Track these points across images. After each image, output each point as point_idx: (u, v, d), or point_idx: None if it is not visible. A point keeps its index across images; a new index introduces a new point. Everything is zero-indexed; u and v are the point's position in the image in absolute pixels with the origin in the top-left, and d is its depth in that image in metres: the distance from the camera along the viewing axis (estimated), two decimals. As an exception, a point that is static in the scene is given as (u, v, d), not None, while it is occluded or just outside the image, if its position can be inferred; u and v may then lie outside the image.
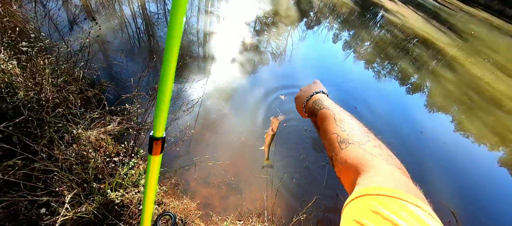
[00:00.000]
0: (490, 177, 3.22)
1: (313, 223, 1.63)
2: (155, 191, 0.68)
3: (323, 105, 0.49)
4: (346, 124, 0.41)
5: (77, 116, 1.41)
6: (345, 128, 0.39)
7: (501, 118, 4.87)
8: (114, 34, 3.11)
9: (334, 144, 0.38)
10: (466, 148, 3.62)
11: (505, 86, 6.45)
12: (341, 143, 0.36)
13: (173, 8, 0.24)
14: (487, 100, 5.39)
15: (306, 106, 0.55)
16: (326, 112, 0.46)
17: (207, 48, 3.69)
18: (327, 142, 0.41)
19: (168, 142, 1.94)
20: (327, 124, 0.43)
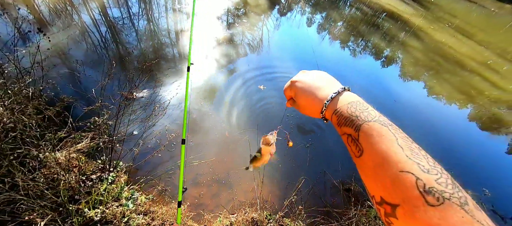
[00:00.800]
0: (463, 132, 3.51)
1: (304, 202, 1.68)
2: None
3: (369, 116, 0.34)
4: (422, 157, 0.27)
5: (37, 138, 1.29)
6: (426, 165, 0.26)
7: (466, 77, 5.29)
8: (75, 44, 2.88)
9: (408, 191, 0.25)
10: (438, 109, 3.89)
11: (466, 47, 6.98)
12: (427, 193, 0.24)
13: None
14: (452, 63, 5.81)
15: (331, 110, 0.39)
16: (380, 129, 0.31)
17: (180, 47, 3.56)
18: (387, 178, 0.27)
19: (148, 149, 1.86)
20: (387, 150, 0.29)
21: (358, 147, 0.33)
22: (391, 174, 0.27)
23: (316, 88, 0.42)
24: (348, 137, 0.35)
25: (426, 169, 0.26)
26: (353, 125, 0.34)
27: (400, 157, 0.27)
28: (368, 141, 0.31)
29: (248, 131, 2.34)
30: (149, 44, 3.38)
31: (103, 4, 4.09)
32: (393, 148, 0.29)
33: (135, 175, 1.67)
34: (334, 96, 0.39)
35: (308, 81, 0.44)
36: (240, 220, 1.47)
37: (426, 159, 0.27)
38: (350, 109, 0.36)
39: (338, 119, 0.37)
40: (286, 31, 5.27)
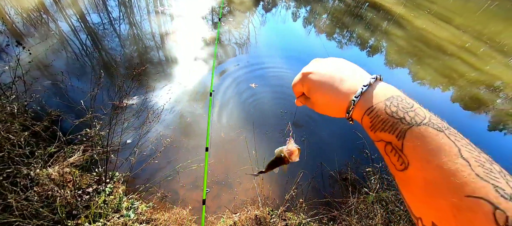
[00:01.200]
0: (448, 114, 3.70)
1: (305, 195, 1.72)
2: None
3: (418, 117, 0.25)
4: (499, 175, 0.20)
5: (27, 155, 1.24)
6: (506, 188, 0.19)
7: (447, 61, 5.55)
8: (56, 55, 2.75)
9: (481, 221, 0.18)
10: (423, 94, 4.08)
11: (445, 33, 7.29)
12: None
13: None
14: (433, 48, 6.07)
15: (361, 108, 0.29)
16: (436, 137, 0.23)
17: (167, 51, 3.49)
18: (446, 203, 0.20)
19: (144, 157, 1.83)
20: (447, 166, 0.21)
21: (401, 158, 0.24)
22: (453, 198, 0.20)
23: (338, 80, 0.32)
24: (387, 145, 0.26)
25: (507, 194, 0.18)
26: (395, 130, 0.25)
27: (466, 176, 0.20)
28: (417, 152, 0.23)
29: (244, 129, 2.35)
30: (133, 49, 3.29)
31: (81, 11, 3.93)
32: (456, 162, 0.21)
33: (133, 184, 1.65)
34: (365, 90, 0.29)
35: (326, 72, 0.33)
36: (243, 219, 1.49)
37: (504, 178, 0.20)
38: (390, 108, 0.27)
39: (372, 122, 0.28)
40: (272, 27, 5.29)
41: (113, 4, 4.48)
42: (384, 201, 1.54)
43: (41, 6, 3.71)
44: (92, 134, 1.46)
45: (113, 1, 4.57)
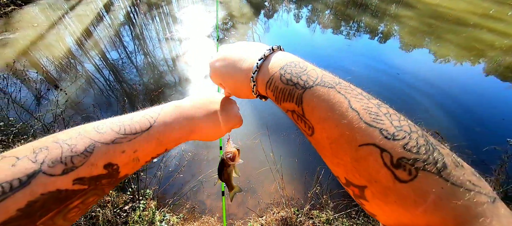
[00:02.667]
0: (481, 89, 3.36)
1: (328, 190, 1.68)
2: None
3: (310, 80, 0.26)
4: (384, 118, 0.21)
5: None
6: (390, 128, 0.21)
7: (470, 33, 5.13)
8: (85, 92, 3.08)
9: (373, 169, 0.20)
10: (449, 73, 3.78)
11: (462, 3, 6.78)
12: (397, 167, 0.19)
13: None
14: (452, 23, 5.66)
15: (262, 83, 0.30)
16: (327, 95, 0.24)
17: (179, 72, 3.71)
18: (347, 157, 0.22)
19: (170, 172, 1.95)
20: (340, 120, 0.22)
21: (307, 124, 0.26)
22: (351, 151, 0.21)
23: (239, 60, 0.32)
24: (293, 113, 0.27)
25: (390, 134, 0.20)
26: (293, 97, 0.26)
27: (356, 126, 0.21)
28: (315, 114, 0.24)
29: (259, 134, 2.39)
30: (150, 76, 3.56)
31: (102, 50, 4.37)
32: (346, 115, 0.22)
33: (163, 199, 1.75)
34: (260, 63, 0.30)
35: (228, 55, 0.34)
36: (270, 221, 1.50)
37: (389, 119, 0.21)
38: (285, 76, 0.28)
39: (274, 94, 0.28)
40: (276, 32, 5.37)
41: (128, 39, 4.92)
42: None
43: (69, 52, 4.20)
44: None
45: (128, 36, 5.03)
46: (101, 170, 0.25)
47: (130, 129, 0.29)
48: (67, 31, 4.97)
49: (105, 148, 0.26)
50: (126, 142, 0.27)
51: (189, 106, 0.36)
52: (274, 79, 0.28)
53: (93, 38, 4.72)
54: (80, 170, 0.23)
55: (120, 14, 5.96)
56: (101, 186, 0.26)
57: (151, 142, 0.30)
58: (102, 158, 0.25)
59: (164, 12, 6.15)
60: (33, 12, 5.57)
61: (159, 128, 0.31)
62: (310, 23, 5.87)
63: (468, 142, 2.30)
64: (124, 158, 0.27)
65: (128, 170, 0.29)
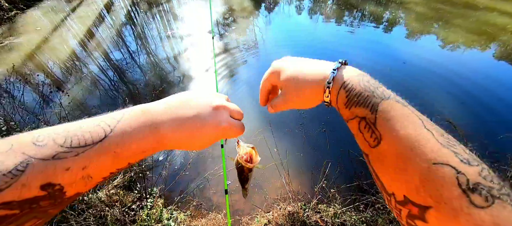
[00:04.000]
0: (493, 75, 3.23)
1: (335, 184, 1.66)
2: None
3: (385, 93, 0.27)
4: (457, 145, 0.22)
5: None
6: (464, 154, 0.21)
7: (480, 17, 4.91)
8: (90, 93, 3.12)
9: (446, 189, 0.19)
10: (459, 59, 3.63)
11: (471, -14, 6.48)
12: (473, 191, 0.19)
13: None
14: (460, 6, 5.43)
15: (336, 88, 0.30)
16: (402, 110, 0.25)
17: (181, 69, 3.70)
18: (415, 173, 0.21)
19: (176, 171, 1.96)
20: (415, 136, 0.22)
21: (374, 133, 0.25)
22: (421, 167, 0.21)
23: (310, 67, 0.34)
24: (361, 120, 0.27)
25: (465, 159, 0.20)
26: (368, 103, 0.26)
27: (431, 144, 0.21)
28: (388, 126, 0.24)
29: (263, 130, 2.37)
30: (153, 74, 3.56)
31: (105, 51, 4.39)
32: (421, 133, 0.22)
33: (170, 197, 1.77)
34: (336, 72, 0.31)
35: (295, 65, 0.35)
36: (277, 216, 1.50)
37: (460, 146, 0.21)
38: (363, 82, 0.28)
39: (348, 96, 0.29)
40: (278, 25, 5.27)
41: (130, 39, 4.93)
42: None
43: (73, 54, 4.24)
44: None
45: (130, 36, 5.03)
46: (37, 192, 0.21)
47: (78, 140, 0.24)
48: (70, 33, 5.01)
49: (43, 166, 0.21)
50: (71, 157, 0.23)
51: (160, 110, 0.30)
52: (352, 82, 0.29)
53: (95, 39, 4.75)
54: (6, 193, 0.19)
55: (121, 14, 5.96)
56: (40, 209, 0.22)
57: (106, 156, 0.25)
58: (38, 177, 0.21)
59: (164, 10, 6.12)
60: (35, 16, 5.63)
61: (117, 139, 0.26)
62: (313, 14, 5.73)
63: (481, 131, 2.22)
64: (70, 177, 0.23)
65: (78, 189, 0.24)
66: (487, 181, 0.19)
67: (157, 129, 0.29)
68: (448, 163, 0.20)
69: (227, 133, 0.34)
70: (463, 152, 0.21)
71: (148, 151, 0.29)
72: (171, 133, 0.30)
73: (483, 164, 0.20)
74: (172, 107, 0.31)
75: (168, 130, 0.30)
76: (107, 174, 0.27)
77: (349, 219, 1.43)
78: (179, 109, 0.31)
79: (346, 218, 1.44)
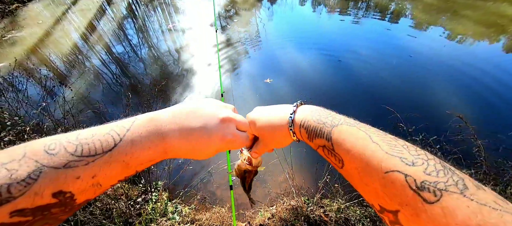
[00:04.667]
0: (501, 67, 3.14)
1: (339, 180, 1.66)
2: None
3: (335, 120, 0.31)
4: (402, 148, 0.24)
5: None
6: (408, 157, 0.23)
7: (490, 8, 4.75)
8: (92, 87, 3.12)
9: (401, 193, 0.22)
10: (467, 52, 3.53)
11: (482, -25, 6.23)
12: (422, 190, 0.20)
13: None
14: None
15: (297, 125, 0.36)
16: (350, 131, 0.29)
17: (183, 63, 3.67)
18: (376, 184, 0.24)
19: (180, 165, 1.97)
20: (364, 152, 0.26)
21: (337, 157, 0.29)
22: (378, 178, 0.24)
23: (275, 115, 0.39)
24: (323, 148, 0.31)
25: (410, 161, 0.23)
26: (323, 134, 0.31)
27: (380, 156, 0.24)
28: (343, 148, 0.28)
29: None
30: (155, 68, 3.54)
31: (107, 44, 4.37)
32: (370, 147, 0.25)
33: (174, 191, 1.79)
34: (295, 110, 0.37)
35: (264, 113, 0.41)
36: (280, 210, 1.51)
37: (407, 149, 0.24)
38: (314, 117, 0.34)
39: (307, 132, 0.33)
40: (281, 17, 5.16)
41: (132, 32, 4.88)
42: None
43: (76, 48, 4.23)
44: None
45: (131, 29, 4.98)
46: (49, 199, 0.21)
47: (88, 149, 0.24)
48: (71, 26, 4.98)
49: (55, 174, 0.22)
50: (82, 166, 0.23)
51: (167, 120, 0.31)
52: (307, 120, 0.34)
53: (97, 33, 4.71)
54: (19, 201, 0.20)
55: (122, 6, 5.89)
56: (52, 215, 0.22)
57: (115, 165, 0.25)
58: (50, 185, 0.21)
59: (165, 2, 6.03)
60: (37, 9, 5.59)
61: (126, 148, 0.26)
62: (316, 6, 5.59)
63: (493, 127, 2.18)
64: (80, 185, 0.23)
65: (88, 196, 0.25)
66: (433, 176, 0.21)
67: (164, 138, 0.30)
68: (396, 169, 0.23)
69: (233, 145, 0.35)
70: (408, 154, 0.23)
71: (155, 159, 0.30)
72: (178, 142, 0.31)
73: (430, 160, 0.22)
74: (179, 117, 0.32)
75: (174, 139, 0.30)
76: (116, 182, 0.27)
77: (353, 214, 1.43)
78: (186, 119, 0.32)
79: (350, 213, 1.44)
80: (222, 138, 0.33)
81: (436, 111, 2.42)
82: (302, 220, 1.42)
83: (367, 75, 3.03)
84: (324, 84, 2.95)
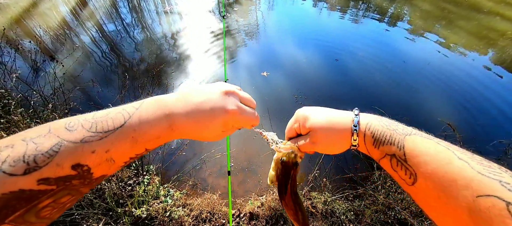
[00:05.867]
0: (487, 80, 3.29)
1: (328, 174, 1.73)
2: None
3: (406, 129, 0.29)
4: (499, 170, 0.21)
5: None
6: (510, 181, 0.20)
7: (483, 20, 4.91)
8: (83, 66, 3.00)
9: (501, 222, 0.18)
10: (456, 62, 3.66)
11: (479, -13, 6.40)
12: None
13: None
14: (465, 7, 5.39)
15: (361, 130, 0.33)
16: (428, 144, 0.25)
17: (179, 49, 3.59)
18: (461, 209, 0.21)
19: (173, 150, 1.98)
20: (450, 170, 0.22)
21: (408, 171, 0.26)
22: (466, 201, 0.20)
23: (335, 114, 0.36)
24: (392, 158, 0.28)
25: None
26: (394, 141, 0.28)
27: (470, 175, 0.20)
28: (418, 160, 0.24)
29: (261, 117, 2.39)
30: (149, 51, 3.43)
31: (98, 22, 4.16)
32: (455, 164, 0.22)
33: (166, 175, 1.80)
34: (358, 117, 0.33)
35: (321, 111, 0.38)
36: (270, 200, 1.56)
37: (506, 173, 0.20)
38: (383, 122, 0.31)
39: (374, 136, 0.30)
40: (281, 10, 5.11)
41: (125, 11, 4.67)
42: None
43: (64, 23, 4.01)
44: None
45: (124, 8, 4.76)
46: (68, 171, 0.23)
47: (102, 126, 0.26)
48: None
49: (73, 148, 0.24)
50: (96, 141, 0.25)
51: (172, 98, 0.32)
52: (374, 124, 0.31)
53: (88, 9, 4.47)
54: (44, 170, 0.22)
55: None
56: (73, 187, 0.24)
57: (125, 140, 0.27)
58: (69, 158, 0.23)
59: (162, -17, 5.76)
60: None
61: (134, 125, 0.28)
62: (317, 2, 5.56)
63: (476, 135, 2.31)
64: (95, 159, 0.25)
65: (103, 171, 0.26)
66: None
67: (170, 115, 0.31)
68: (495, 194, 0.19)
69: (237, 118, 0.34)
70: (509, 178, 0.19)
71: (162, 136, 0.30)
72: (183, 119, 0.31)
73: None
74: (184, 95, 0.33)
75: (180, 116, 0.31)
76: (127, 159, 0.28)
77: (339, 207, 1.52)
78: (190, 96, 0.33)
79: (336, 206, 1.52)
80: (224, 109, 0.32)
81: (425, 117, 2.53)
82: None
83: (362, 76, 3.11)
84: (320, 81, 3.00)
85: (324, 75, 3.12)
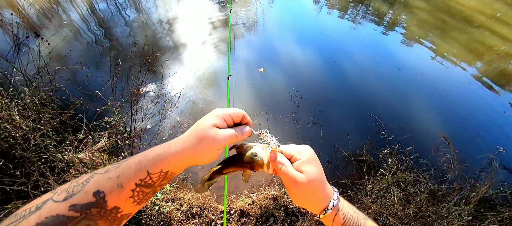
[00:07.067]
0: (472, 91, 3.42)
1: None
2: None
3: (362, 216, 0.40)
4: None
5: (58, 142, 1.34)
6: None
7: (474, 33, 5.08)
8: (70, 45, 2.82)
9: None
10: (445, 72, 3.77)
11: (474, 1, 6.59)
12: None
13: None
14: (459, 19, 5.54)
15: (334, 210, 0.37)
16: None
17: (175, 37, 3.46)
18: None
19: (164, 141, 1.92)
20: None
21: None
22: None
23: (322, 186, 0.37)
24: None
25: None
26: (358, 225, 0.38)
27: None
28: None
29: (258, 113, 2.36)
30: (143, 37, 3.28)
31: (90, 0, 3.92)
32: None
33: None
34: (336, 201, 0.37)
35: (318, 172, 0.38)
36: (261, 198, 1.56)
37: None
38: (351, 210, 0.39)
39: (344, 220, 0.37)
40: (281, 6, 5.03)
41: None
42: (402, 182, 1.54)
43: (52, -4, 3.73)
44: (114, 121, 1.53)
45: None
46: (90, 198, 0.27)
47: (122, 160, 0.31)
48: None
49: (98, 177, 0.29)
50: (113, 169, 0.30)
51: (179, 139, 0.36)
52: (345, 211, 0.39)
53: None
54: (75, 197, 0.26)
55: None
56: (92, 217, 0.27)
57: (131, 164, 0.31)
58: (94, 185, 0.28)
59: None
60: None
61: (140, 153, 0.33)
62: (318, 0, 5.52)
63: (465, 147, 2.37)
64: (110, 184, 0.28)
65: (114, 200, 0.29)
66: None
67: (170, 142, 0.36)
68: None
69: (217, 145, 0.36)
70: None
71: (160, 154, 0.34)
72: (179, 145, 0.36)
73: None
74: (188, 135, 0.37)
75: (178, 141, 0.36)
76: (133, 185, 0.31)
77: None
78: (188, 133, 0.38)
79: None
80: (212, 142, 0.36)
81: (419, 127, 2.58)
82: (281, 209, 1.49)
83: (358, 80, 3.13)
84: (316, 81, 2.99)
85: (321, 76, 3.12)
